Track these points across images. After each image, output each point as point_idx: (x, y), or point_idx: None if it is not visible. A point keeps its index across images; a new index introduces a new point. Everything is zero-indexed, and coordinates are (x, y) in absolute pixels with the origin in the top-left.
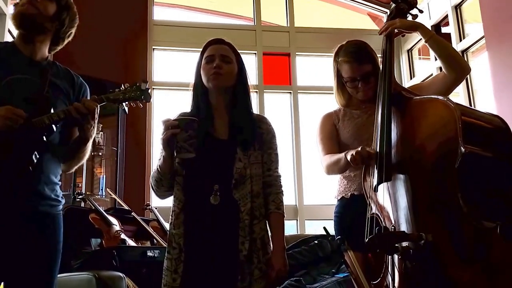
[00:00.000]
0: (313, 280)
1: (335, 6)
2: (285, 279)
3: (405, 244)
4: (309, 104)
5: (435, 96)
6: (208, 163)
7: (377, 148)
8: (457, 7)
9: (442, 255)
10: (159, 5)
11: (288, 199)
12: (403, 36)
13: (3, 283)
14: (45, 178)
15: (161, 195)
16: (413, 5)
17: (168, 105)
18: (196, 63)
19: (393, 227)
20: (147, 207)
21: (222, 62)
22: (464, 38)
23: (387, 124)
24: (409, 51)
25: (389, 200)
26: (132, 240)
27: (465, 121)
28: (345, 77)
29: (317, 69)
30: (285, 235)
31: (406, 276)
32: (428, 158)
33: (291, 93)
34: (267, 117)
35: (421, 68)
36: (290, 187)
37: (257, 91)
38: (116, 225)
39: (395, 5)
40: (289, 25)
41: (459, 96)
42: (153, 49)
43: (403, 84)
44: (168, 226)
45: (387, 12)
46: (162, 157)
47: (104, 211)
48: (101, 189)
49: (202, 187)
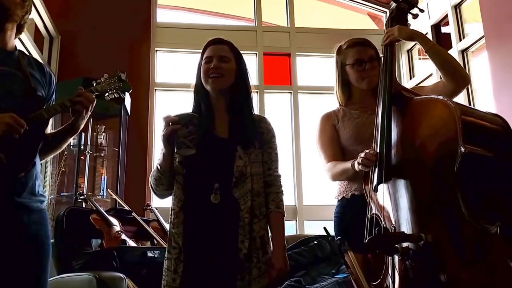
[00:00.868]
0: (312, 280)
1: (335, 6)
2: (286, 278)
3: (405, 244)
4: (309, 104)
5: (435, 96)
6: (208, 161)
7: (377, 148)
8: (457, 7)
9: (442, 255)
10: (162, 8)
11: (287, 199)
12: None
13: None
14: (35, 173)
15: (160, 194)
16: (414, 4)
17: (170, 107)
18: (197, 64)
19: (393, 228)
20: (148, 208)
21: (220, 62)
22: (463, 38)
23: (387, 124)
24: (409, 51)
25: (389, 200)
26: (132, 240)
27: (465, 121)
28: (351, 61)
29: (318, 69)
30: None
31: (406, 277)
32: (428, 158)
33: (291, 93)
34: (266, 117)
35: (420, 68)
36: (289, 187)
37: (257, 91)
38: (116, 225)
39: (396, 5)
40: (289, 26)
41: (458, 95)
42: (156, 50)
43: (402, 84)
44: (168, 226)
45: (386, 12)
46: (162, 155)
47: (104, 211)
48: (103, 190)
49: (202, 185)
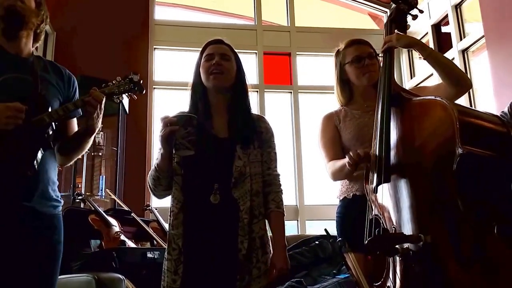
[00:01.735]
0: (313, 281)
1: (336, 5)
2: (287, 278)
3: (405, 245)
4: (309, 103)
5: (434, 97)
6: (207, 161)
7: (376, 149)
8: (457, 7)
9: (441, 256)
10: (160, 5)
11: (288, 199)
12: None
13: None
14: (47, 178)
15: (159, 195)
16: (413, 5)
17: (169, 105)
18: (195, 62)
19: (393, 229)
20: (147, 208)
21: (221, 60)
22: (464, 37)
23: (386, 125)
24: (409, 50)
25: (390, 201)
26: (132, 241)
27: (462, 121)
28: (351, 59)
29: (318, 69)
30: (285, 235)
31: (407, 277)
32: (427, 159)
33: (291, 92)
34: (265, 117)
35: (421, 67)
36: (290, 187)
37: (257, 91)
38: (115, 226)
39: (395, 6)
40: (289, 25)
41: None
42: (154, 48)
43: (403, 83)
44: (168, 227)
45: (387, 12)
46: (160, 155)
47: (103, 212)
48: (101, 190)
49: (201, 186)
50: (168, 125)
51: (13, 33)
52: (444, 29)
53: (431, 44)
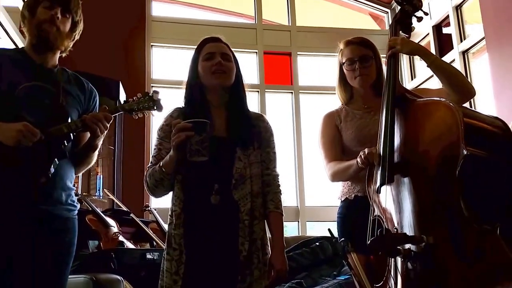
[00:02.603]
0: (314, 282)
1: (337, 5)
2: (285, 279)
3: (407, 246)
4: (310, 104)
5: (438, 98)
6: (208, 161)
7: (380, 149)
8: (458, 8)
9: (443, 257)
10: (157, 1)
11: (289, 200)
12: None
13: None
14: (62, 184)
15: (158, 195)
16: (418, 7)
17: (166, 103)
18: (190, 60)
19: (395, 229)
20: (146, 208)
21: (224, 60)
22: (464, 39)
23: (390, 125)
24: None
25: (392, 202)
26: (130, 242)
27: (467, 123)
28: (344, 60)
29: (319, 69)
30: (286, 236)
31: (408, 278)
32: (430, 160)
33: (292, 92)
34: (264, 115)
35: (421, 69)
36: (291, 188)
37: (258, 91)
38: (114, 226)
39: (400, 8)
40: (290, 24)
41: None
42: (152, 45)
43: (403, 84)
44: (167, 227)
45: (388, 12)
46: (169, 158)
47: (101, 212)
48: (98, 190)
49: (202, 186)
50: (181, 130)
51: (42, 51)
52: (444, 30)
53: (432, 45)
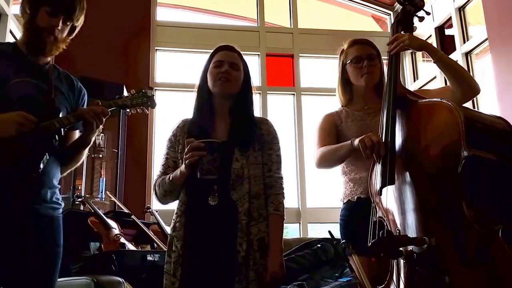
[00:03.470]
0: (316, 284)
1: (339, 7)
2: (280, 282)
3: (409, 248)
4: (312, 105)
5: (440, 99)
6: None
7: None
8: (461, 9)
9: (445, 258)
10: (162, 6)
11: (290, 202)
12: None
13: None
14: (49, 182)
15: (165, 203)
16: (420, 7)
17: (169, 107)
18: (203, 65)
19: (398, 231)
20: (148, 210)
21: (231, 68)
22: (467, 40)
23: (391, 127)
24: (412, 53)
25: (394, 203)
26: (131, 244)
27: (468, 124)
28: (350, 58)
29: (321, 71)
30: (287, 238)
31: (410, 280)
32: (432, 161)
33: (294, 94)
34: (268, 119)
35: (424, 70)
36: (293, 190)
37: (260, 93)
38: (115, 228)
39: (402, 8)
40: (292, 27)
41: None
42: (156, 49)
43: (406, 86)
44: (169, 229)
45: (390, 14)
46: (179, 173)
47: (103, 214)
48: (101, 192)
49: (201, 187)
50: (194, 149)
51: (34, 53)
52: (447, 32)
53: (435, 46)
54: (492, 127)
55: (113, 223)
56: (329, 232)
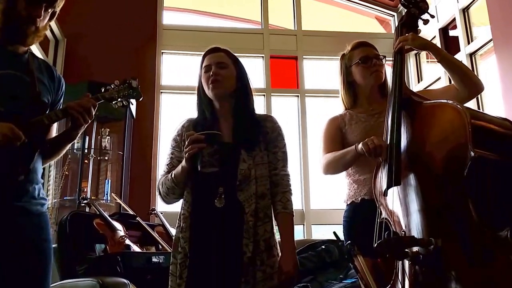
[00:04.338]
0: (320, 286)
1: (343, 9)
2: (294, 281)
3: (415, 249)
4: (316, 107)
5: (445, 100)
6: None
7: (387, 152)
8: (465, 10)
9: (451, 260)
10: (168, 10)
11: (294, 203)
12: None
13: None
14: (36, 178)
15: (169, 202)
16: (424, 10)
17: (176, 109)
18: (198, 74)
19: (403, 232)
20: (153, 212)
21: (218, 69)
22: (472, 41)
23: (397, 128)
24: (417, 54)
25: (399, 205)
26: (137, 245)
27: (475, 125)
28: (357, 59)
29: (325, 73)
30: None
31: (416, 281)
32: (438, 162)
33: (298, 96)
34: (273, 116)
35: (428, 71)
36: (297, 191)
37: (264, 95)
38: (120, 230)
39: (406, 10)
40: (296, 29)
41: None
42: (162, 53)
43: (410, 87)
44: (174, 231)
45: (394, 15)
46: (181, 168)
47: (108, 216)
48: (106, 194)
49: (208, 190)
50: (194, 142)
51: (13, 40)
52: (452, 33)
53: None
54: (497, 128)
55: (118, 225)
56: (334, 233)
